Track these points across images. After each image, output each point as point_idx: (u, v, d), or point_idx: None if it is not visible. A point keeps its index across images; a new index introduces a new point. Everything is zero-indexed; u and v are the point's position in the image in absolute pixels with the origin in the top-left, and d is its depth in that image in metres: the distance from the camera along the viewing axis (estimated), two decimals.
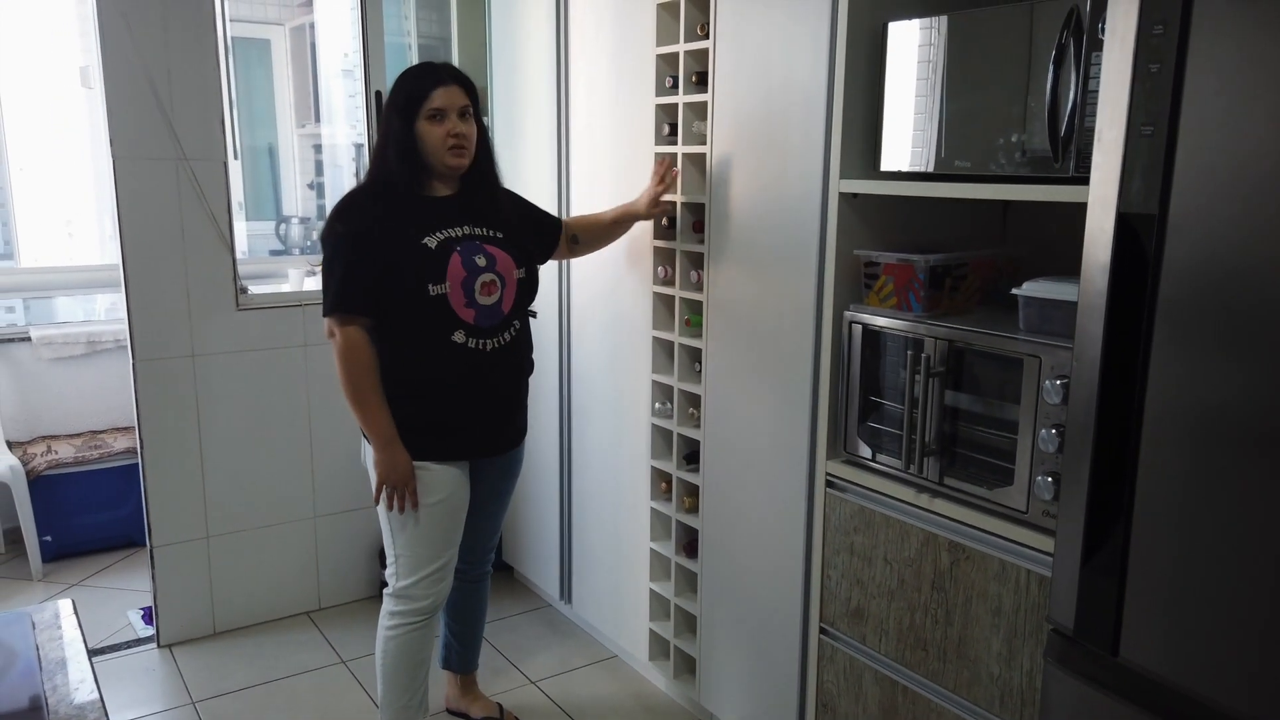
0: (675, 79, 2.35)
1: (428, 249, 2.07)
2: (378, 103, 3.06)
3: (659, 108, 2.40)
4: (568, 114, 2.77)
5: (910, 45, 1.78)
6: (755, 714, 2.30)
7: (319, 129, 4.49)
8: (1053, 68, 1.51)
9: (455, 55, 3.28)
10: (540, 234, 2.39)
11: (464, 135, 2.09)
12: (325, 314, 2.08)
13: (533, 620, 3.16)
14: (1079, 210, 1.29)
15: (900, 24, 1.79)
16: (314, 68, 4.44)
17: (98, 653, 2.93)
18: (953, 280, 1.84)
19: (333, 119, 4.41)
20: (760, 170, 2.10)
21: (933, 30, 1.74)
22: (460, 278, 2.08)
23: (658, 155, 2.41)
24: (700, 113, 2.28)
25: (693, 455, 2.46)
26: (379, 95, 3.06)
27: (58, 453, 3.58)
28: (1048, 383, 1.53)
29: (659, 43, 2.36)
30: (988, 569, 1.68)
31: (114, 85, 2.67)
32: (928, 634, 1.81)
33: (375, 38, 3.06)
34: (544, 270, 2.42)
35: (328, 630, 3.08)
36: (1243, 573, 1.13)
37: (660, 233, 2.45)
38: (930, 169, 1.77)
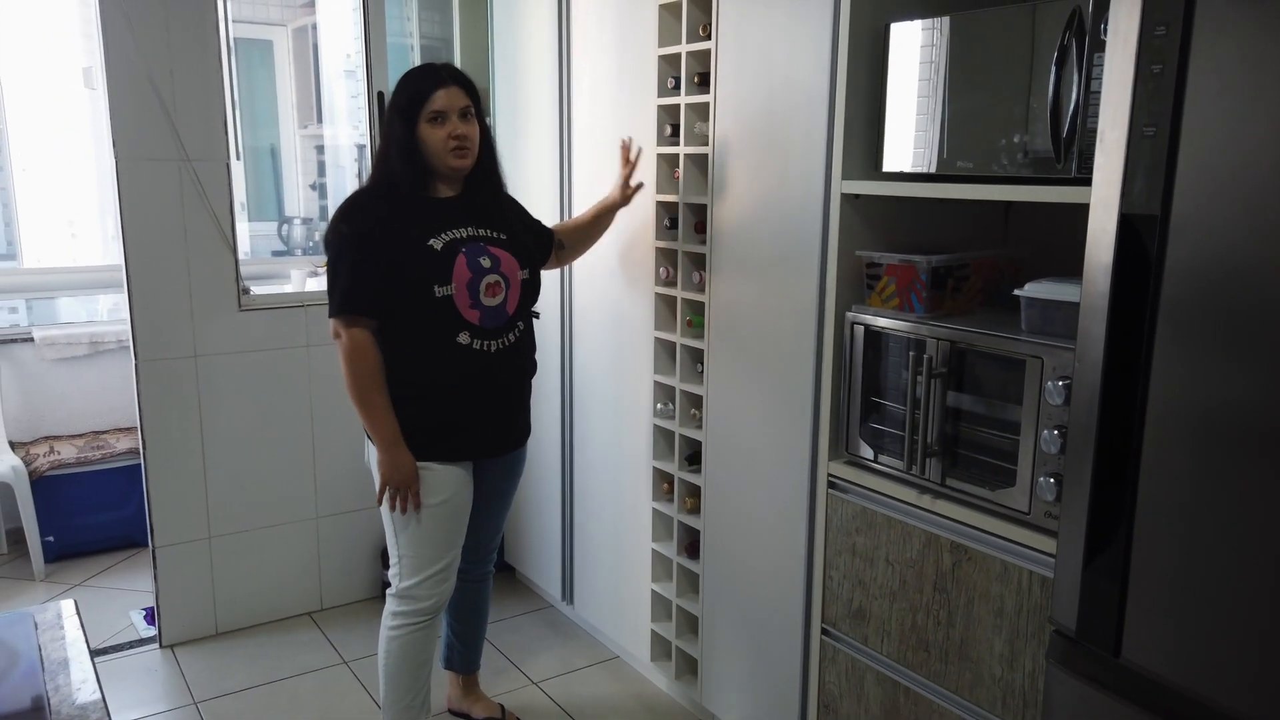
0: (677, 80, 2.35)
1: (433, 250, 2.07)
2: (380, 103, 3.06)
3: (661, 108, 2.40)
4: (570, 115, 2.77)
5: (912, 46, 1.78)
6: (757, 715, 2.30)
7: (321, 130, 4.49)
8: (1055, 68, 1.51)
9: (457, 56, 3.29)
10: (537, 241, 2.39)
11: (465, 136, 2.09)
12: (331, 315, 2.08)
13: (534, 621, 3.16)
14: (1081, 211, 1.29)
15: (902, 25, 1.79)
16: (316, 68, 4.44)
17: (100, 653, 2.93)
18: (955, 281, 1.84)
19: (335, 120, 4.41)
20: (762, 171, 2.10)
21: (934, 31, 1.74)
22: (466, 279, 2.08)
23: (621, 141, 2.47)
24: (702, 113, 2.28)
25: (694, 456, 2.46)
26: (381, 96, 3.06)
27: (60, 453, 3.58)
28: (1050, 384, 1.53)
29: (661, 43, 2.36)
30: (990, 570, 1.68)
31: (116, 86, 2.67)
32: (929, 635, 1.81)
33: (377, 38, 3.06)
34: (545, 271, 2.42)
35: (330, 631, 3.08)
36: (1245, 574, 1.13)
37: (662, 233, 2.45)
38: (932, 170, 1.77)
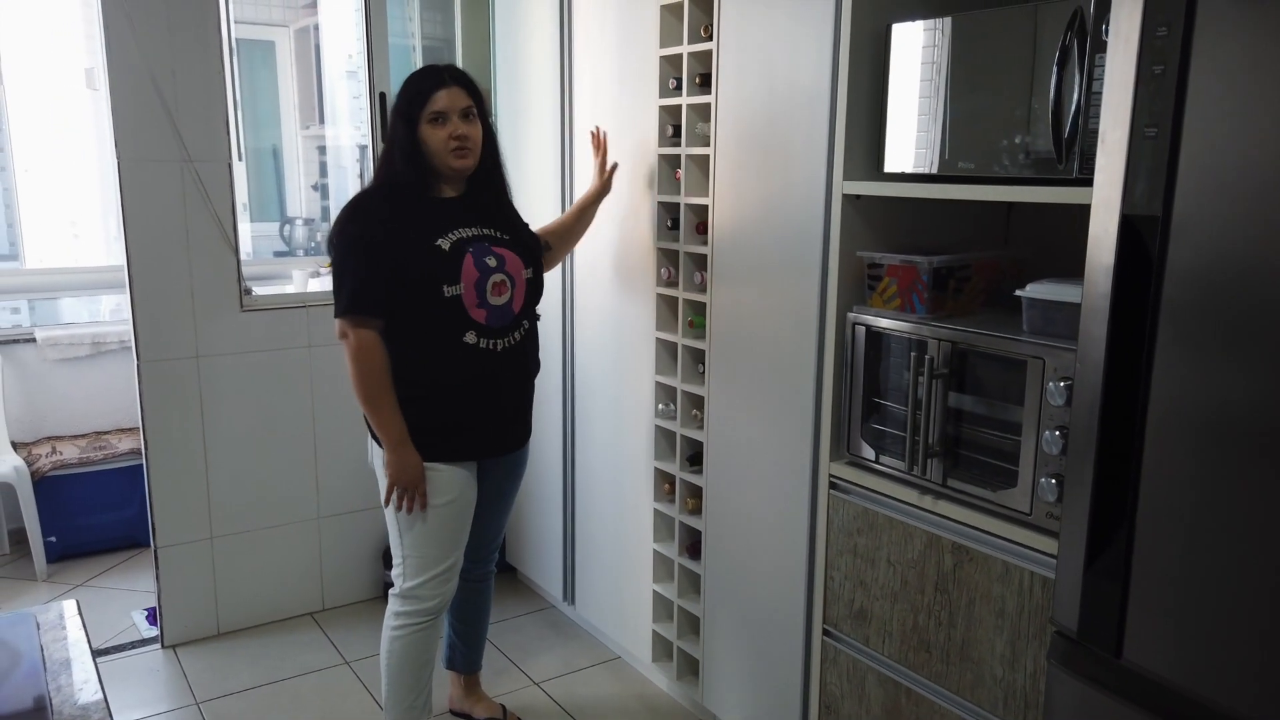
0: (679, 80, 2.35)
1: (441, 251, 2.07)
2: (382, 104, 3.06)
3: (662, 109, 2.40)
4: (571, 115, 2.77)
5: (914, 47, 1.78)
6: (758, 715, 2.30)
7: (323, 130, 4.50)
8: (1056, 69, 1.51)
9: (459, 57, 3.29)
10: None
11: (466, 137, 2.09)
12: (338, 315, 2.08)
13: (536, 621, 3.16)
14: (1083, 212, 1.29)
15: (903, 25, 1.79)
16: (318, 69, 4.45)
17: (102, 653, 2.93)
18: (956, 282, 1.83)
19: (337, 120, 4.41)
20: (763, 172, 2.10)
21: (936, 32, 1.73)
22: (473, 279, 2.08)
23: (590, 132, 2.59)
24: (704, 114, 2.28)
25: (695, 456, 2.46)
26: (383, 97, 3.06)
27: (62, 453, 3.59)
28: (1051, 384, 1.53)
29: (662, 44, 2.36)
30: (991, 571, 1.68)
31: (119, 87, 2.68)
32: (931, 636, 1.81)
33: (379, 39, 3.06)
34: (548, 272, 2.42)
35: (331, 631, 3.08)
36: (1247, 574, 1.12)
37: (663, 234, 2.45)
38: (934, 171, 1.77)
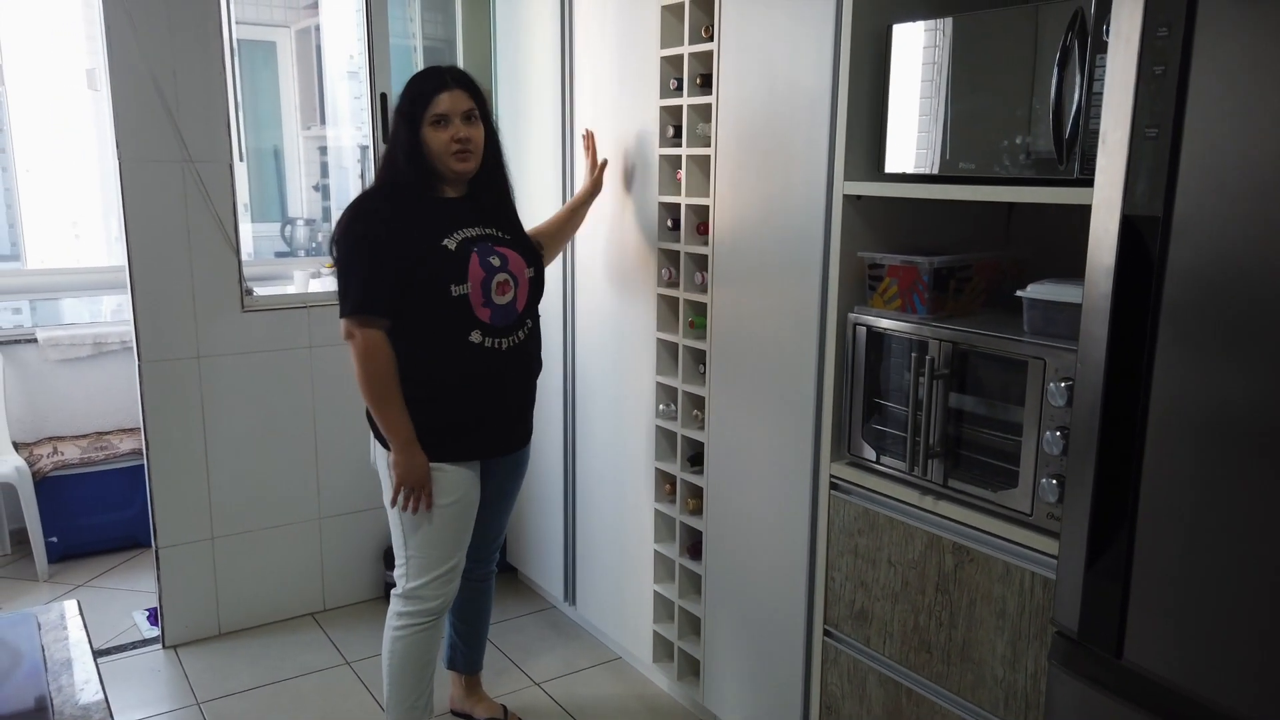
0: (680, 81, 2.35)
1: (448, 250, 2.08)
2: (383, 105, 3.06)
3: (663, 109, 2.40)
4: (572, 116, 2.77)
5: (914, 47, 1.78)
6: (759, 716, 2.30)
7: (324, 131, 4.50)
8: (1057, 70, 1.51)
9: (460, 57, 3.29)
10: None
11: (468, 140, 2.10)
12: (344, 315, 2.07)
13: (537, 622, 3.16)
14: (1083, 212, 1.29)
15: (904, 26, 1.79)
16: (319, 70, 4.45)
17: (103, 653, 2.93)
18: (957, 282, 1.83)
19: (338, 121, 4.41)
20: (764, 172, 2.10)
21: (937, 32, 1.73)
22: (480, 278, 2.09)
23: (582, 135, 2.65)
24: (704, 115, 2.28)
25: (696, 457, 2.46)
26: (384, 97, 3.07)
27: (63, 454, 3.59)
28: (1052, 385, 1.53)
29: (663, 45, 2.36)
30: (992, 571, 1.68)
31: (120, 87, 2.68)
32: (932, 636, 1.81)
33: (380, 40, 3.06)
34: (549, 271, 2.42)
35: (332, 631, 3.08)
36: (1247, 575, 1.12)
37: (664, 235, 2.45)
38: (934, 171, 1.77)
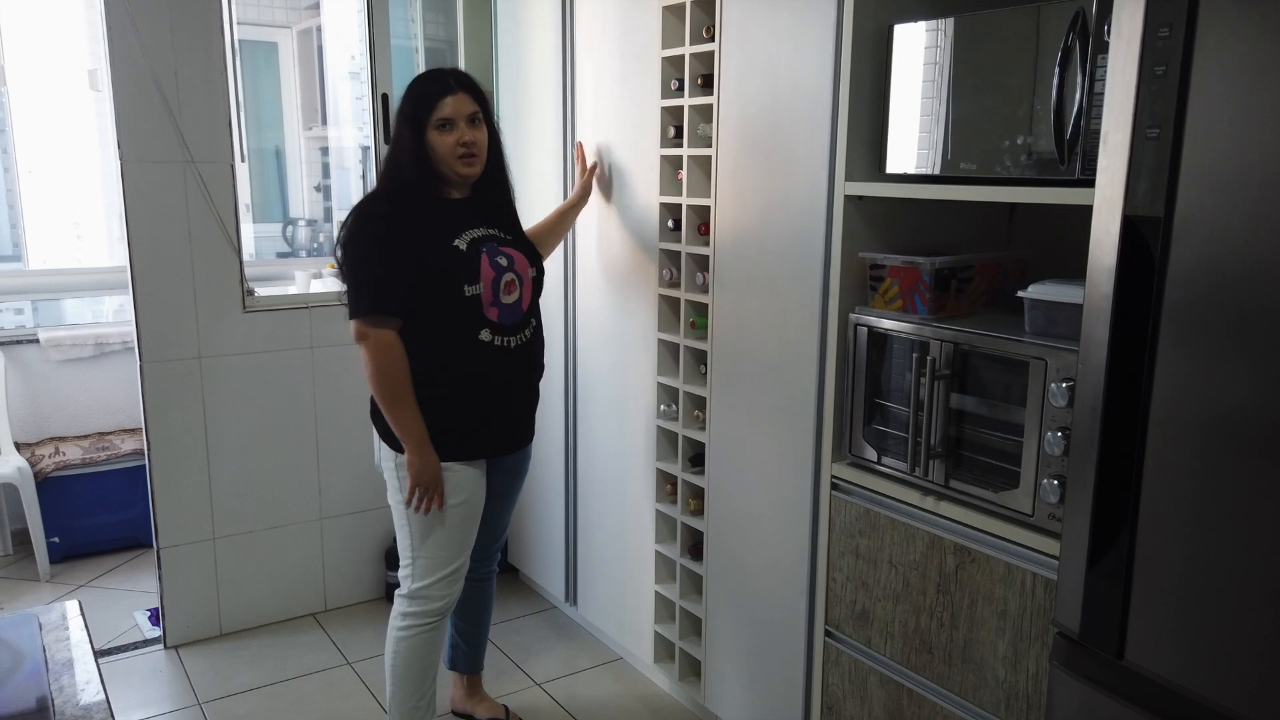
0: (681, 81, 2.35)
1: (460, 251, 2.09)
2: (384, 106, 3.06)
3: (664, 110, 2.40)
4: (573, 116, 2.77)
5: (916, 48, 1.78)
6: (760, 717, 2.30)
7: (326, 131, 4.50)
8: (1058, 70, 1.51)
9: (461, 58, 3.29)
10: None
11: (473, 143, 2.11)
12: (357, 316, 2.07)
13: (538, 622, 3.16)
14: (1085, 213, 1.29)
15: (905, 26, 1.79)
16: (321, 70, 4.45)
17: (104, 654, 2.93)
18: (958, 283, 1.83)
19: (339, 121, 4.42)
20: (766, 173, 2.10)
21: (938, 32, 1.73)
22: (490, 278, 2.11)
23: (578, 143, 2.70)
24: (706, 115, 2.28)
25: (697, 457, 2.46)
26: (385, 98, 3.07)
27: (65, 454, 3.59)
28: (1053, 385, 1.52)
29: (664, 45, 2.36)
30: (993, 572, 1.68)
31: (122, 88, 2.68)
32: (933, 637, 1.80)
33: (381, 40, 3.07)
34: (550, 271, 2.43)
35: (334, 632, 3.08)
36: (1249, 576, 1.12)
37: (665, 235, 2.45)
38: (936, 171, 1.77)
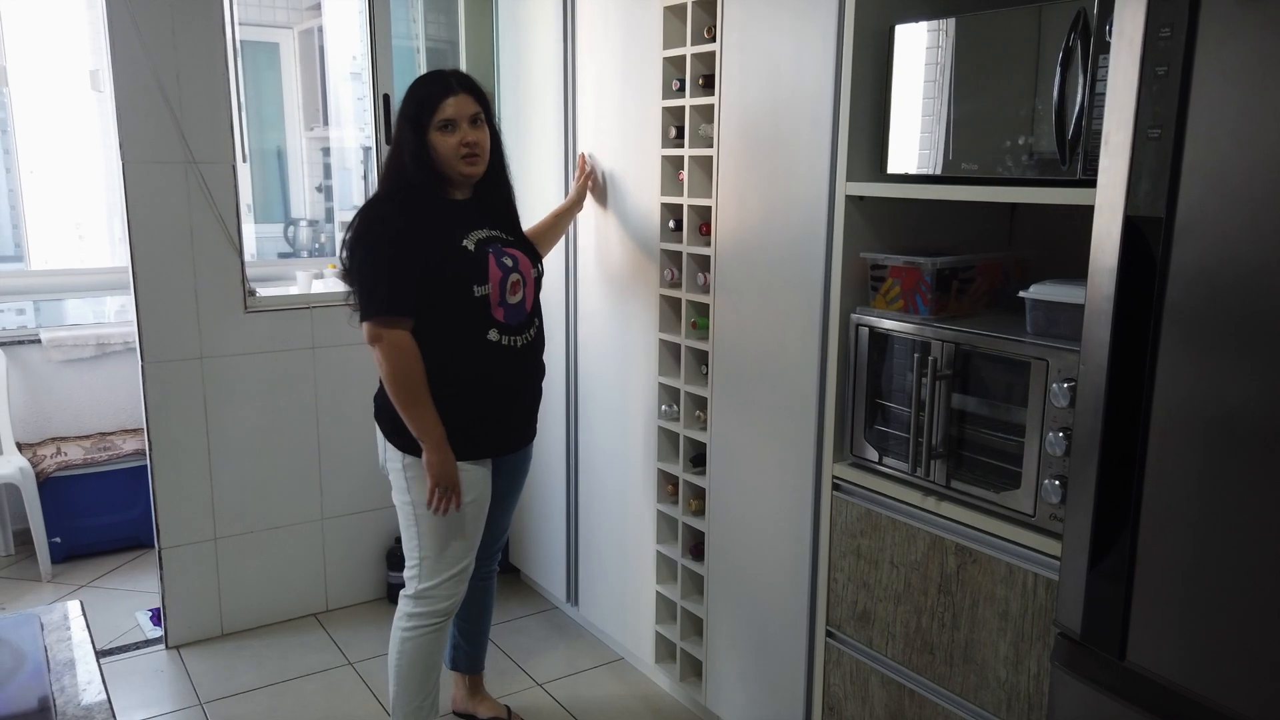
0: (682, 82, 2.35)
1: (468, 251, 2.10)
2: (385, 106, 3.06)
3: (666, 110, 2.40)
4: (575, 117, 2.77)
5: (917, 48, 1.78)
6: (761, 717, 2.30)
7: (327, 132, 4.51)
8: (1060, 70, 1.51)
9: (462, 59, 3.29)
10: None
11: (476, 144, 2.11)
12: (370, 318, 2.06)
13: (539, 622, 3.16)
14: (1086, 213, 1.29)
15: (907, 26, 1.79)
16: (322, 71, 4.45)
17: (106, 654, 2.94)
18: (960, 283, 1.83)
19: (341, 122, 4.42)
20: (767, 173, 2.10)
21: (939, 33, 1.73)
22: (498, 278, 2.12)
23: (581, 154, 2.71)
24: (707, 115, 2.28)
25: (699, 458, 2.46)
26: (387, 98, 3.07)
27: (67, 454, 3.60)
28: (1055, 386, 1.52)
29: (666, 45, 2.36)
30: (995, 572, 1.67)
31: (124, 89, 2.68)
32: (934, 637, 1.80)
33: (383, 41, 3.07)
34: (550, 272, 2.43)
35: (335, 632, 3.09)
36: (1250, 576, 1.12)
37: (666, 235, 2.45)
38: (937, 172, 1.77)
